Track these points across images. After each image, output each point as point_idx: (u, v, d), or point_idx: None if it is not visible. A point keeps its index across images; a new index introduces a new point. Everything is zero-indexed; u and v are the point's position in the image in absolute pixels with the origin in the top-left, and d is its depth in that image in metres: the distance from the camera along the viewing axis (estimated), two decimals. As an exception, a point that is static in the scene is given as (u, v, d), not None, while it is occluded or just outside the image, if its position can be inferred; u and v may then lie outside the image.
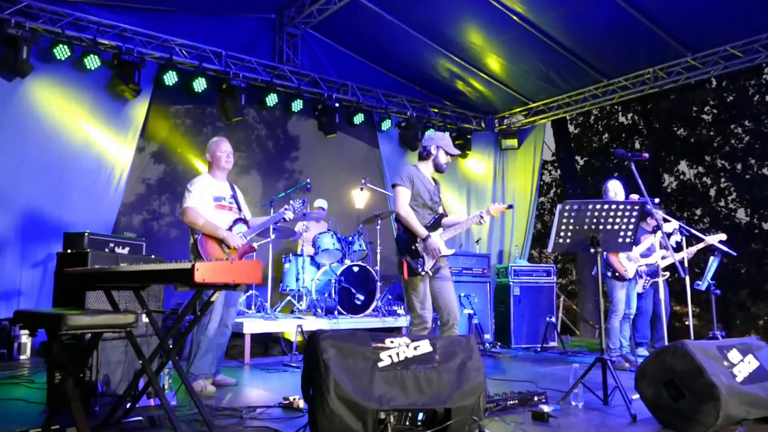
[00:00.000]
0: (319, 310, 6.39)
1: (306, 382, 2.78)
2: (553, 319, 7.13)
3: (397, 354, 2.72)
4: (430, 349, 2.79)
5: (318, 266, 6.73)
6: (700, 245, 5.58)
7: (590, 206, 3.61)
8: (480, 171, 9.74)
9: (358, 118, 8.30)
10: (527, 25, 7.30)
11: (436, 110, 9.26)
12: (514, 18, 7.18)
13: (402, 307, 6.87)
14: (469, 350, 2.83)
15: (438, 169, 4.16)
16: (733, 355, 3.08)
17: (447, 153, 4.13)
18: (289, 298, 6.63)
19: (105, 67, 6.42)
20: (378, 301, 6.69)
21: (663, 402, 2.98)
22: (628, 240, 3.72)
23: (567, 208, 3.62)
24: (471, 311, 6.61)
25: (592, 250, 3.65)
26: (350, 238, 6.86)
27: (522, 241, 9.36)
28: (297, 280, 6.57)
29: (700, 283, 5.26)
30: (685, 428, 2.86)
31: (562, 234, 3.64)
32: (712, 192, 14.70)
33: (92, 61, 6.25)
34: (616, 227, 3.66)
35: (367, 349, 2.71)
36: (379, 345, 2.73)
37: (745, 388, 2.92)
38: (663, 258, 5.62)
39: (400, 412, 2.61)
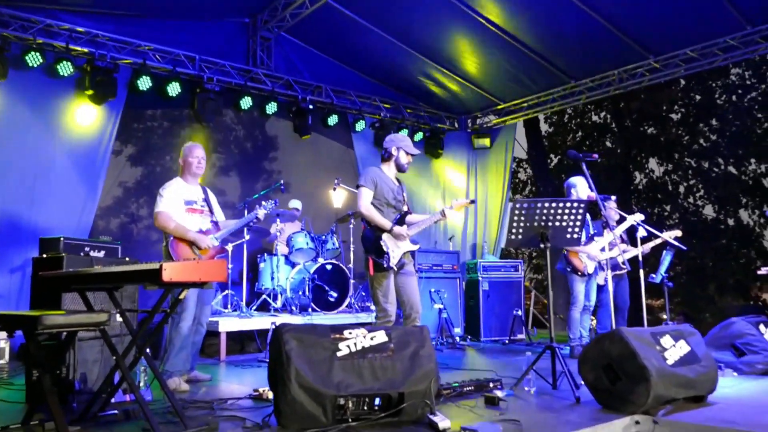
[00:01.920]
0: (294, 308, 6.56)
1: (271, 372, 2.97)
2: (520, 313, 7.38)
3: (355, 344, 2.92)
4: (385, 339, 3.00)
5: (292, 265, 6.90)
6: (657, 241, 5.87)
7: (539, 204, 3.86)
8: (454, 170, 9.95)
9: (332, 120, 8.45)
10: (497, 29, 7.53)
11: (409, 111, 9.43)
12: (484, 23, 7.41)
13: (375, 303, 7.06)
14: (422, 340, 3.04)
15: (399, 168, 4.37)
16: (666, 340, 3.33)
17: (407, 153, 4.34)
18: (264, 296, 6.80)
19: (78, 73, 6.48)
20: (351, 298, 6.88)
21: (602, 384, 3.22)
22: (575, 236, 3.98)
23: (518, 206, 3.87)
24: (441, 306, 6.82)
25: (542, 246, 3.90)
26: (324, 237, 7.03)
27: (495, 238, 9.61)
28: (272, 279, 6.73)
29: (654, 276, 5.54)
30: (620, 408, 3.10)
31: (513, 230, 3.89)
32: (681, 189, 15.11)
33: (65, 68, 6.30)
34: (564, 224, 3.90)
35: (326, 339, 2.91)
36: (338, 336, 2.93)
37: (675, 370, 3.18)
38: (624, 252, 5.88)
39: (357, 397, 2.81)
